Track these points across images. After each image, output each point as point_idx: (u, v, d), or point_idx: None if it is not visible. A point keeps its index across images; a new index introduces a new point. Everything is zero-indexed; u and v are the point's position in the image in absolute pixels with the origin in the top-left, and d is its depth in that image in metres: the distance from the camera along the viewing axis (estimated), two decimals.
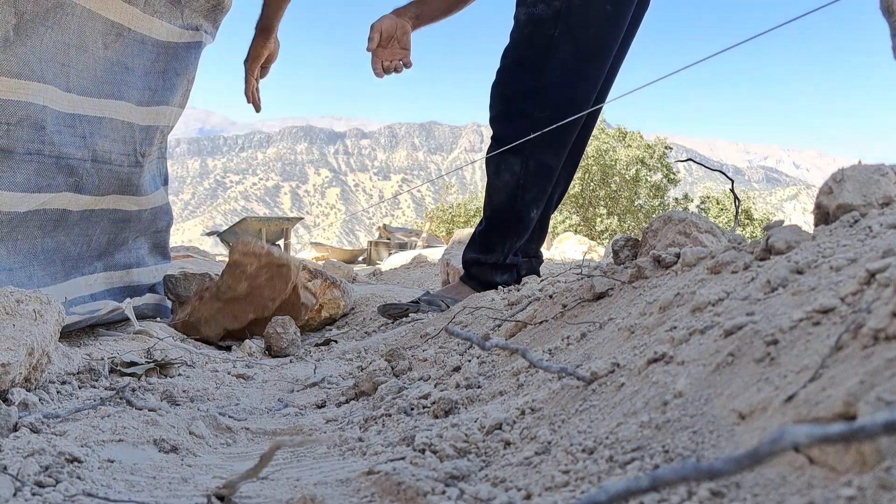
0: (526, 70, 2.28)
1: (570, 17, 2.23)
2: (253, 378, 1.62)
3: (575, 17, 2.23)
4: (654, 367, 0.74)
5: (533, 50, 2.27)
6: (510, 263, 2.45)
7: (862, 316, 0.57)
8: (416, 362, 1.47)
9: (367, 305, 2.74)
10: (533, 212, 2.39)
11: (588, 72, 2.30)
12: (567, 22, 2.23)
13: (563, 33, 2.24)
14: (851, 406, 0.48)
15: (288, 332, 2.06)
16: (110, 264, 2.05)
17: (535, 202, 2.37)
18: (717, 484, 0.50)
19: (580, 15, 2.23)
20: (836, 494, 0.42)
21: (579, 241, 7.89)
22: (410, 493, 0.66)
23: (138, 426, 1.01)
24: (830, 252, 0.79)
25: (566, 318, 1.26)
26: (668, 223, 1.32)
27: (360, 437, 0.96)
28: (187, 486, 0.80)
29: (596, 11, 2.24)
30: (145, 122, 1.93)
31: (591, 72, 2.31)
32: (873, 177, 0.91)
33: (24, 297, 1.18)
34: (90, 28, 1.68)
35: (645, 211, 23.61)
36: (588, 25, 2.24)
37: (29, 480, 0.73)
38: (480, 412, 0.89)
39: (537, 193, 2.36)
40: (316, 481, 0.78)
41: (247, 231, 11.37)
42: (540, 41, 2.26)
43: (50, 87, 1.56)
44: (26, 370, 1.14)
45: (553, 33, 2.24)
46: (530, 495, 0.61)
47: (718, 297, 0.84)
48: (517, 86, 2.30)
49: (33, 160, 1.55)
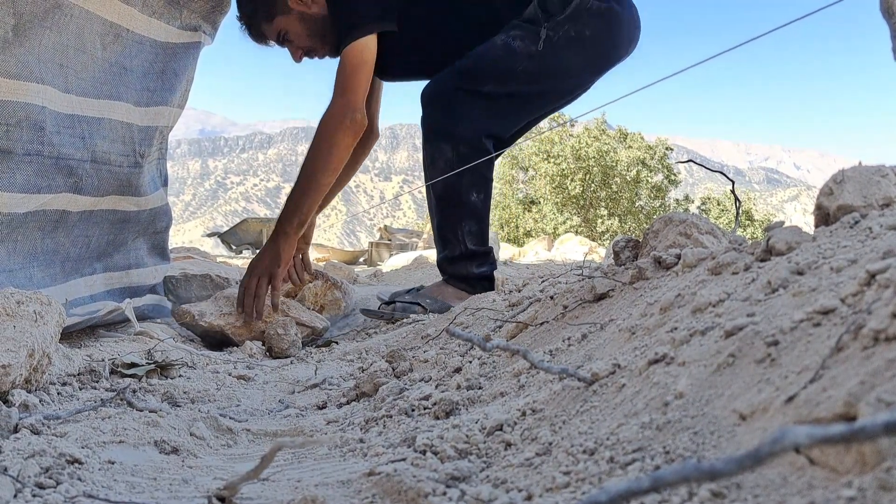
0: (474, 79, 2.36)
1: (540, 64, 2.35)
2: (254, 379, 1.62)
3: (543, 67, 2.35)
4: (654, 368, 0.74)
5: (493, 71, 2.36)
6: (479, 251, 2.46)
7: (862, 317, 0.57)
8: (417, 363, 1.47)
9: (369, 305, 2.75)
10: (473, 195, 2.41)
11: (531, 108, 2.49)
12: (534, 66, 2.35)
13: (525, 73, 2.36)
14: (852, 407, 0.48)
15: (289, 334, 2.06)
16: (110, 265, 2.05)
17: (473, 186, 2.40)
18: (717, 484, 0.49)
19: (549, 66, 2.35)
20: (837, 495, 0.42)
21: (580, 242, 7.90)
22: (412, 494, 0.66)
23: (139, 427, 1.01)
24: (831, 253, 0.79)
25: (567, 320, 1.26)
26: (669, 224, 1.32)
27: (361, 439, 0.96)
28: (188, 487, 0.80)
29: (564, 70, 2.38)
30: (144, 122, 1.93)
31: (534, 107, 2.50)
32: (873, 178, 0.91)
33: (25, 299, 1.18)
34: (89, 29, 1.68)
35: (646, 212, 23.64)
36: (550, 77, 2.38)
37: (29, 482, 0.73)
38: (481, 413, 0.89)
39: (474, 178, 2.38)
40: (317, 482, 0.78)
41: (248, 232, 11.37)
42: (502, 68, 2.36)
43: (49, 87, 1.56)
44: (27, 371, 1.14)
45: (517, 68, 2.35)
46: (531, 496, 0.61)
47: (719, 298, 0.84)
48: (460, 84, 2.36)
49: (33, 161, 1.55)
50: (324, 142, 2.25)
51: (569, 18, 2.36)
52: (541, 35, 2.34)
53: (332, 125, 2.24)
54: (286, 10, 2.38)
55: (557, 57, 2.34)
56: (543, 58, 2.34)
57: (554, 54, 2.34)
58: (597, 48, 2.44)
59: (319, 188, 2.27)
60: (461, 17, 2.43)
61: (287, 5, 2.38)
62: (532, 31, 2.36)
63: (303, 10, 2.38)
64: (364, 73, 2.25)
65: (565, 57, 2.36)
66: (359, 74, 2.24)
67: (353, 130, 2.23)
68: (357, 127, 2.23)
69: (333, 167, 2.27)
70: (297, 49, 2.48)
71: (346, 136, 2.23)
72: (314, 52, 2.50)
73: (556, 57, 2.34)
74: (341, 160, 2.26)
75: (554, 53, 2.34)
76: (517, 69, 2.35)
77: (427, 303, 2.39)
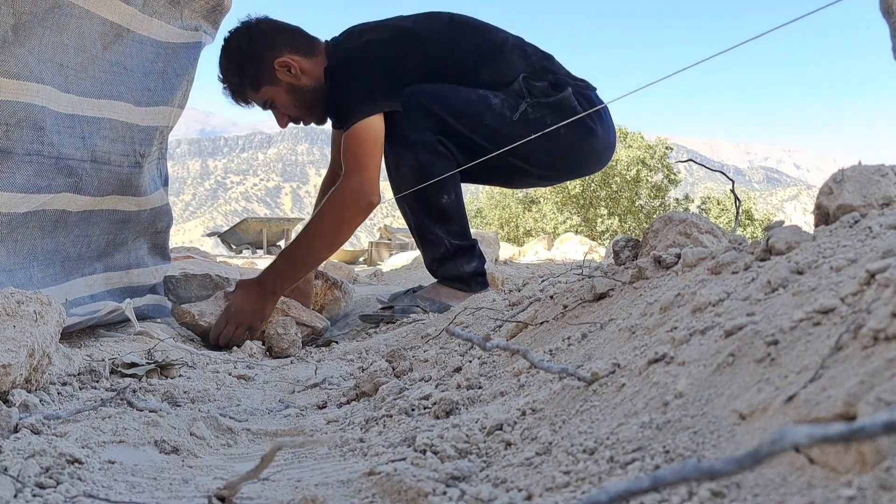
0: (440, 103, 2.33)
1: (507, 128, 2.34)
2: (254, 379, 1.62)
3: (506, 133, 2.33)
4: (654, 368, 0.74)
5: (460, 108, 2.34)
6: (463, 245, 2.45)
7: (862, 316, 0.57)
8: (417, 363, 1.47)
9: (368, 306, 2.75)
10: (444, 199, 2.39)
11: (473, 158, 2.38)
12: (499, 126, 2.35)
13: (488, 128, 2.35)
14: (851, 406, 0.48)
15: (289, 333, 2.06)
16: (110, 265, 2.05)
17: (441, 190, 2.37)
18: (717, 484, 0.50)
19: (512, 136, 2.29)
20: (837, 495, 0.42)
21: (580, 241, 7.89)
22: (412, 493, 0.66)
23: (139, 427, 1.01)
24: (831, 252, 0.79)
25: (567, 319, 1.26)
26: (669, 224, 1.32)
27: (361, 438, 0.96)
28: (188, 487, 0.80)
29: (524, 149, 2.28)
30: (144, 122, 1.93)
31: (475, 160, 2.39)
32: (873, 177, 0.91)
33: (25, 299, 1.18)
34: (89, 29, 1.68)
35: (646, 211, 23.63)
36: (507, 145, 2.30)
37: (30, 482, 0.73)
38: (481, 413, 0.89)
39: (441, 182, 2.35)
40: (317, 482, 0.78)
41: (247, 231, 11.37)
42: (469, 111, 2.34)
43: (49, 87, 1.56)
44: (27, 371, 1.14)
45: (483, 119, 2.33)
46: (531, 496, 0.61)
47: (719, 298, 0.84)
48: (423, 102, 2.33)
49: (33, 161, 1.55)
50: (334, 217, 2.18)
51: (550, 106, 2.37)
52: (520, 107, 2.34)
53: (346, 204, 2.18)
54: (275, 81, 2.35)
55: (532, 132, 2.30)
56: (513, 126, 2.34)
57: (524, 129, 2.32)
58: (562, 153, 2.46)
59: (318, 261, 2.27)
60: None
61: (276, 76, 2.34)
62: (514, 101, 2.37)
63: (291, 81, 2.35)
64: (378, 150, 2.23)
65: (536, 138, 2.33)
66: (374, 151, 2.22)
67: (367, 212, 2.20)
68: (370, 209, 2.19)
69: (338, 244, 2.26)
70: (283, 116, 2.45)
71: (357, 217, 2.19)
72: (300, 120, 2.48)
73: (532, 131, 2.30)
74: (346, 239, 2.25)
75: (524, 128, 2.32)
76: (483, 120, 2.34)
77: (425, 304, 2.39)
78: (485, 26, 2.52)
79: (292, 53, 2.34)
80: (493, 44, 2.45)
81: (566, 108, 2.37)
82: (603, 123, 2.51)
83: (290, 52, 2.33)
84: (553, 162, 2.50)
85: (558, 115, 2.33)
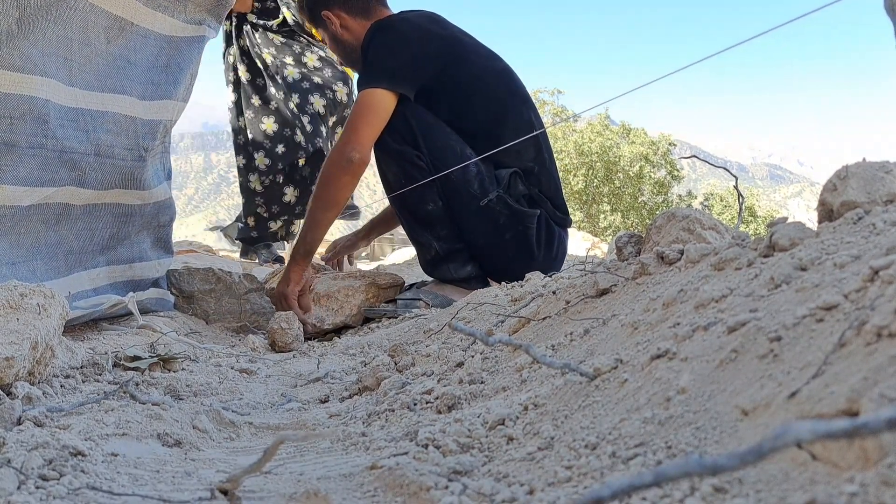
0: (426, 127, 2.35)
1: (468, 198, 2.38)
2: (256, 373, 1.62)
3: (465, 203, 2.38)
4: (657, 364, 0.74)
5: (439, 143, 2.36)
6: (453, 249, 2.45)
7: (865, 313, 0.57)
8: (419, 358, 1.47)
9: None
10: (430, 206, 2.40)
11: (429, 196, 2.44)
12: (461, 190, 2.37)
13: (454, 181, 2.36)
14: (855, 402, 0.48)
15: (292, 328, 2.07)
16: (113, 259, 2.06)
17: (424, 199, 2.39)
18: (719, 479, 0.50)
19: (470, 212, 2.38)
20: (839, 491, 0.42)
21: (583, 237, 7.89)
22: (414, 487, 0.66)
23: (142, 420, 1.02)
24: (834, 249, 0.78)
25: (569, 315, 1.26)
26: (672, 220, 1.32)
27: (363, 432, 0.96)
28: (191, 479, 0.80)
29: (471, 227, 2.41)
30: (148, 116, 1.93)
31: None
32: (878, 174, 0.90)
33: (28, 292, 1.19)
34: (93, 22, 1.68)
35: (649, 207, 23.60)
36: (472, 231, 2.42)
37: (33, 474, 0.73)
38: (483, 408, 0.89)
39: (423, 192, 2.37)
40: (319, 476, 0.78)
41: None
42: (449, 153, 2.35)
43: (53, 81, 1.56)
44: (30, 364, 1.15)
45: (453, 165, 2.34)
46: (533, 490, 0.61)
47: (722, 294, 0.84)
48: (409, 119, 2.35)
49: (36, 154, 1.56)
50: (322, 177, 2.34)
51: (514, 211, 2.38)
52: (490, 194, 2.36)
53: (331, 163, 2.32)
54: (323, 24, 2.57)
55: (482, 217, 2.36)
56: (470, 199, 2.36)
57: (481, 212, 2.36)
58: (497, 254, 2.44)
59: (318, 223, 2.36)
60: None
61: (324, 21, 2.55)
62: (490, 184, 2.37)
63: (335, 31, 2.55)
64: (374, 118, 2.29)
65: (481, 224, 2.38)
66: (369, 117, 2.29)
67: (351, 170, 2.28)
68: (354, 167, 2.28)
69: (331, 203, 2.34)
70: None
71: (342, 175, 2.29)
72: (347, 66, 2.72)
73: (481, 216, 2.36)
74: (337, 197, 2.33)
75: (482, 212, 2.36)
76: (452, 175, 2.34)
77: (429, 299, 2.40)
78: (526, 101, 2.56)
79: (341, 10, 2.52)
80: (518, 121, 2.45)
81: (524, 224, 2.41)
82: (548, 254, 2.50)
83: (339, 8, 2.52)
84: (483, 251, 2.47)
85: (513, 223, 2.38)
